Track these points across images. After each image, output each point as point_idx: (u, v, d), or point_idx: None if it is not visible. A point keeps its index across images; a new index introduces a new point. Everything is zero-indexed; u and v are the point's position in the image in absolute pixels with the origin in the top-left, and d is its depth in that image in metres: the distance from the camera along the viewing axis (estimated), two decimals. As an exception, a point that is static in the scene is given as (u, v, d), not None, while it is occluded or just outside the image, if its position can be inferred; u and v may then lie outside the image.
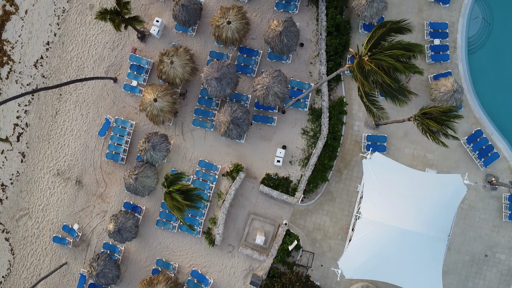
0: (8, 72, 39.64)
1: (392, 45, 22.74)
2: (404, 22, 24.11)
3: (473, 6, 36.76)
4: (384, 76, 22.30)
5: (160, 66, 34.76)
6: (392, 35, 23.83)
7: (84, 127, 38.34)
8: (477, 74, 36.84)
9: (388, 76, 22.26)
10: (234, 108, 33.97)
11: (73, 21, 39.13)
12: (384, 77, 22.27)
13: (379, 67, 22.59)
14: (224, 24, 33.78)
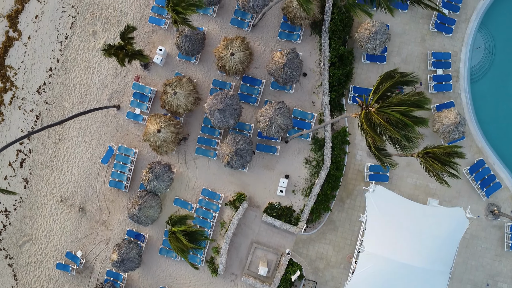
0: (11, 98, 39.69)
1: (401, 100, 22.74)
2: (411, 76, 24.23)
3: (476, 35, 36.80)
4: (393, 131, 22.41)
5: (164, 97, 34.82)
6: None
7: (87, 154, 38.42)
8: (479, 103, 36.95)
9: (397, 131, 22.35)
10: (237, 139, 34.05)
11: (76, 48, 39.16)
12: (393, 132, 22.38)
13: (387, 120, 22.68)
14: (228, 55, 33.84)
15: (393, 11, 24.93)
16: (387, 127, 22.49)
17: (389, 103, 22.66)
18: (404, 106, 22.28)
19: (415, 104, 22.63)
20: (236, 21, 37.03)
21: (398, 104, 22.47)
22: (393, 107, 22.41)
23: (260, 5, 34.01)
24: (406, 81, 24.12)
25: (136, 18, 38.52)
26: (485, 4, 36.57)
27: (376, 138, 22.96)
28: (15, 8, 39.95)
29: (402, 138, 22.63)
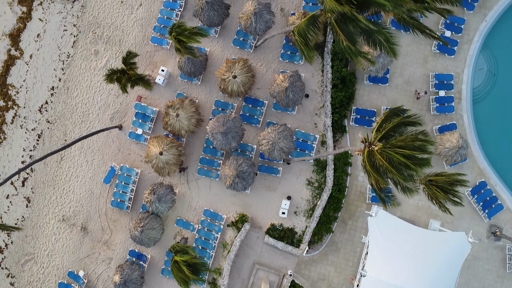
0: (13, 117, 39.70)
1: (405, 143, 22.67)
2: (415, 117, 24.30)
3: (478, 56, 36.78)
4: (396, 174, 22.43)
5: (166, 119, 34.80)
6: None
7: (89, 173, 38.43)
8: (481, 124, 36.94)
9: (399, 173, 22.38)
10: (240, 162, 34.04)
11: (77, 67, 39.15)
12: (396, 175, 22.40)
13: (390, 161, 22.68)
14: (230, 78, 33.82)
15: (397, 54, 24.81)
16: (390, 169, 22.51)
17: (392, 145, 22.66)
18: (407, 150, 22.26)
19: (418, 149, 22.62)
20: (238, 42, 36.99)
21: (401, 147, 22.44)
22: (396, 149, 22.41)
23: (263, 28, 33.97)
24: (410, 122, 24.14)
25: (138, 38, 38.49)
26: (488, 25, 36.53)
27: (379, 180, 22.99)
28: (17, 26, 39.93)
29: (404, 181, 22.67)
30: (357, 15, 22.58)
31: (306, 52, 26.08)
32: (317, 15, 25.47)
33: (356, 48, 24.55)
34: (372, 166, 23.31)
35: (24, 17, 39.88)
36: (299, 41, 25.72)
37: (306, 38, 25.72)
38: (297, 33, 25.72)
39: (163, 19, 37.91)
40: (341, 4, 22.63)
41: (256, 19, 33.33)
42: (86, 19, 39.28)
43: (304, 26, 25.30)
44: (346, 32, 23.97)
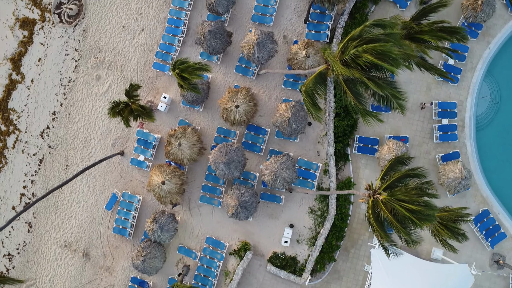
0: (15, 142, 39.57)
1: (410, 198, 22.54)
2: (420, 170, 24.23)
3: (482, 84, 36.64)
4: (401, 229, 22.33)
5: (168, 147, 34.66)
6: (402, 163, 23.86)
7: (91, 199, 38.32)
8: (484, 151, 36.82)
9: (404, 228, 22.28)
10: (242, 192, 33.93)
11: (79, 92, 39.01)
12: (401, 230, 22.30)
13: (395, 214, 22.56)
14: (233, 107, 33.68)
15: (405, 109, 24.66)
16: (395, 224, 22.42)
17: (397, 198, 22.54)
18: (413, 205, 22.13)
19: (424, 204, 22.47)
20: (240, 69, 36.84)
21: (406, 201, 22.30)
22: (401, 202, 22.29)
23: (266, 57, 33.81)
24: (415, 174, 24.04)
25: (140, 63, 38.34)
26: (491, 52, 36.39)
27: (382, 235, 22.90)
28: (18, 51, 39.78)
29: (409, 236, 22.60)
30: (366, 80, 22.43)
31: (314, 112, 25.89)
32: (323, 72, 25.30)
33: (365, 108, 24.38)
34: (376, 219, 23.21)
35: (25, 41, 39.72)
36: (306, 101, 25.55)
37: (314, 97, 25.56)
38: (304, 93, 25.55)
39: (165, 45, 37.74)
40: (349, 68, 22.46)
41: (259, 48, 33.17)
42: (87, 43, 39.12)
43: (311, 85, 25.15)
44: (354, 91, 23.82)
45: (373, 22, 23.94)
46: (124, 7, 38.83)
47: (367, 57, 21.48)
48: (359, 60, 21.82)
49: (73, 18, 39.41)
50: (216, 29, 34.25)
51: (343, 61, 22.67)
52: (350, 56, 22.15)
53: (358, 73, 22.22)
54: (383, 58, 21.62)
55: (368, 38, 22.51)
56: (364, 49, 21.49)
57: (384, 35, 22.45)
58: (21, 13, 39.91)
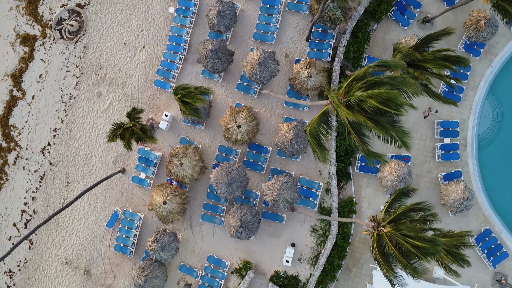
0: (15, 158, 39.47)
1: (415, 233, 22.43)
2: (425, 204, 24.17)
3: (484, 102, 36.56)
4: (407, 264, 22.25)
5: (170, 167, 34.59)
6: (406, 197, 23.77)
7: (92, 216, 38.25)
8: (486, 170, 36.77)
9: (409, 263, 22.20)
10: (244, 212, 33.86)
11: (80, 108, 38.89)
12: (407, 265, 22.22)
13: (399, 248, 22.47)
14: (234, 127, 33.58)
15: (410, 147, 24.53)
16: (400, 259, 22.35)
17: (402, 233, 22.45)
18: (418, 241, 22.05)
19: (429, 241, 22.39)
20: (242, 87, 36.73)
21: (412, 237, 22.22)
22: (407, 238, 22.22)
23: (267, 77, 33.69)
24: (420, 208, 23.96)
25: (141, 80, 38.22)
26: (494, 71, 36.31)
27: (388, 270, 22.82)
28: (19, 67, 39.65)
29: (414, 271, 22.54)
30: (371, 125, 22.33)
31: (320, 153, 25.74)
32: (328, 111, 25.17)
33: (369, 149, 24.27)
34: (382, 253, 23.14)
35: (26, 58, 39.58)
36: (312, 142, 25.43)
37: (319, 138, 25.44)
38: (309, 135, 25.44)
39: (167, 62, 37.62)
40: (354, 112, 22.34)
41: (260, 68, 33.06)
42: (88, 60, 38.99)
43: (316, 125, 25.03)
44: (358, 131, 23.69)
45: (378, 63, 23.88)
46: (125, 24, 38.70)
47: (371, 102, 21.40)
48: (363, 104, 21.73)
49: (74, 35, 39.27)
50: (217, 48, 34.13)
51: (347, 104, 22.55)
52: (354, 100, 22.04)
53: (363, 118, 22.12)
54: (388, 104, 21.54)
55: (372, 80, 22.41)
56: (368, 95, 21.42)
57: (389, 78, 22.36)
58: (22, 29, 39.76)
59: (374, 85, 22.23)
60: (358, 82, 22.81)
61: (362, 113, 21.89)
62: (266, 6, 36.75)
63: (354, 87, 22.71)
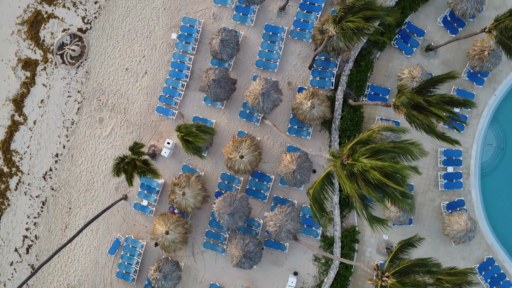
0: (17, 183, 39.37)
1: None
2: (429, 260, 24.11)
3: (487, 131, 36.45)
4: None
5: (172, 196, 34.51)
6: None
7: (94, 243, 38.17)
8: (489, 198, 36.68)
9: None
10: (246, 242, 33.81)
11: (82, 134, 38.77)
12: None
13: None
14: (237, 158, 33.47)
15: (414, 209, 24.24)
16: None
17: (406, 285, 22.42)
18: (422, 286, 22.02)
19: None
20: (244, 114, 36.62)
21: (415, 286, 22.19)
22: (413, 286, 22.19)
23: (270, 106, 33.59)
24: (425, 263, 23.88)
25: (143, 106, 38.10)
26: (497, 99, 36.19)
27: None
28: (20, 92, 39.53)
29: None
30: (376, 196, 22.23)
31: (321, 218, 25.60)
32: (331, 172, 25.02)
33: (373, 216, 24.13)
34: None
35: (27, 82, 39.45)
36: (313, 206, 25.31)
37: (321, 202, 25.32)
38: (311, 198, 25.32)
39: (169, 89, 37.49)
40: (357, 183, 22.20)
41: (263, 99, 32.94)
42: (90, 85, 38.86)
43: (319, 188, 24.91)
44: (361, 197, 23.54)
45: (382, 128, 23.82)
46: (127, 49, 38.56)
47: (375, 174, 21.31)
48: (367, 174, 21.63)
49: (76, 60, 39.13)
50: (220, 78, 34.02)
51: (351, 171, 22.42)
52: (358, 169, 21.93)
53: (366, 189, 22.03)
54: (392, 178, 21.45)
55: (377, 148, 22.31)
56: (372, 166, 21.31)
57: (393, 146, 22.30)
58: (24, 53, 39.62)
59: (378, 152, 22.15)
60: (362, 147, 22.72)
61: (366, 184, 21.80)
62: (269, 34, 36.61)
63: (358, 151, 22.60)
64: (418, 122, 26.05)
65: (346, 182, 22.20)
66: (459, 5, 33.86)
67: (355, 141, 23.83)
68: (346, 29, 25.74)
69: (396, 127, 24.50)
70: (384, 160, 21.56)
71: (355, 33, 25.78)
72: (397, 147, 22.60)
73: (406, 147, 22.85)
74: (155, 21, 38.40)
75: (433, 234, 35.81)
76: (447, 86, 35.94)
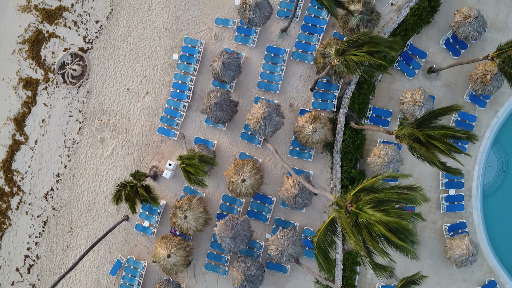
0: (18, 203, 39.34)
1: None
2: None
3: (489, 153, 36.41)
4: None
5: (174, 219, 34.49)
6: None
7: (95, 263, 38.15)
8: (491, 219, 36.66)
9: None
10: (248, 265, 33.80)
11: (83, 154, 38.72)
12: None
13: None
14: (239, 181, 33.43)
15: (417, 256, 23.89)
16: None
17: None
18: None
19: None
20: (246, 136, 36.56)
21: None
22: None
23: (272, 130, 33.50)
24: None
25: (145, 127, 38.04)
26: (499, 121, 36.13)
27: None
28: (21, 111, 39.45)
29: None
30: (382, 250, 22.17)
31: (326, 267, 25.54)
32: (335, 219, 24.93)
33: (376, 262, 24.07)
34: None
35: (28, 102, 39.38)
36: (318, 256, 25.23)
37: (326, 250, 25.26)
38: (316, 247, 25.25)
39: (170, 110, 37.43)
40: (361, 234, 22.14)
41: (265, 122, 32.85)
42: (91, 105, 38.79)
43: (323, 236, 24.84)
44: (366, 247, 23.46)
45: (386, 176, 23.77)
46: (128, 69, 38.48)
47: (380, 228, 21.26)
48: (371, 227, 21.58)
49: (77, 79, 39.06)
50: (222, 101, 33.97)
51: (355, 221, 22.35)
52: (362, 221, 21.88)
53: (371, 243, 21.99)
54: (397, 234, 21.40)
55: (381, 198, 22.26)
56: (377, 220, 21.24)
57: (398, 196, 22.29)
58: (25, 73, 39.54)
59: (382, 202, 22.12)
60: (366, 195, 22.67)
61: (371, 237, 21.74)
62: (271, 55, 36.53)
63: (362, 200, 22.54)
64: (420, 154, 26.01)
65: (351, 237, 22.16)
66: (462, 28, 33.78)
67: (359, 188, 23.79)
68: (350, 62, 25.69)
69: (399, 174, 24.54)
70: (389, 212, 21.49)
71: (359, 66, 25.72)
72: (402, 198, 22.57)
73: (410, 198, 22.82)
74: (156, 41, 38.32)
75: (435, 256, 35.81)
76: (449, 108, 35.90)
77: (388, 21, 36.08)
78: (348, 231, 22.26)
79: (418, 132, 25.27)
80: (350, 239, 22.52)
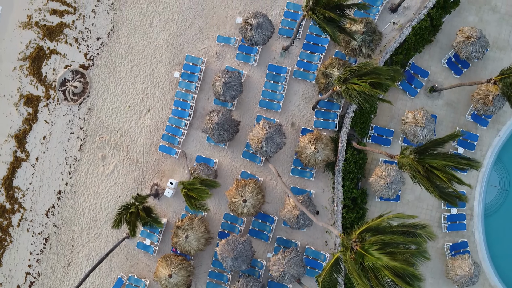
0: (19, 220, 39.32)
1: None
2: None
3: (491, 172, 36.37)
4: None
5: (175, 239, 34.49)
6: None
7: (97, 281, 38.15)
8: (493, 238, 36.63)
9: None
10: (250, 285, 33.83)
11: (84, 171, 38.69)
12: None
13: None
14: (240, 202, 33.40)
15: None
16: None
17: None
18: None
19: None
20: (247, 154, 36.53)
21: None
22: None
23: (274, 150, 33.43)
24: None
25: (146, 144, 38.00)
26: (501, 140, 36.08)
27: None
28: (22, 128, 39.41)
29: None
30: None
31: None
32: (339, 258, 24.85)
33: None
34: None
35: (30, 119, 39.34)
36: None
37: None
38: (321, 286, 25.23)
39: (172, 127, 37.38)
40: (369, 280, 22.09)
41: (267, 143, 32.79)
42: (93, 122, 38.74)
43: (328, 276, 24.82)
44: None
45: (393, 216, 23.70)
46: (130, 87, 38.43)
47: (386, 273, 21.20)
48: (377, 271, 21.54)
49: (78, 96, 39.01)
50: (223, 121, 33.93)
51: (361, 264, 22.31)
52: (368, 265, 21.83)
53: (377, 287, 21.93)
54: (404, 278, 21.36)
55: (386, 240, 22.22)
56: (383, 265, 21.18)
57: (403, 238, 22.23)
58: (26, 89, 39.49)
59: (389, 245, 22.05)
60: (371, 236, 22.61)
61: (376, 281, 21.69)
62: (272, 73, 36.48)
63: (367, 241, 22.48)
64: (421, 183, 26.03)
65: (359, 282, 22.08)
66: (464, 48, 33.71)
67: (364, 228, 23.76)
68: (351, 90, 25.65)
69: (404, 215, 24.26)
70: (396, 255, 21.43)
71: (360, 95, 25.70)
72: (408, 241, 22.53)
73: (417, 241, 22.79)
74: (158, 58, 38.26)
75: (436, 275, 35.82)
76: (451, 128, 35.91)
77: (390, 40, 36.03)
78: (355, 276, 22.21)
79: (418, 165, 25.24)
80: (358, 284, 22.46)
